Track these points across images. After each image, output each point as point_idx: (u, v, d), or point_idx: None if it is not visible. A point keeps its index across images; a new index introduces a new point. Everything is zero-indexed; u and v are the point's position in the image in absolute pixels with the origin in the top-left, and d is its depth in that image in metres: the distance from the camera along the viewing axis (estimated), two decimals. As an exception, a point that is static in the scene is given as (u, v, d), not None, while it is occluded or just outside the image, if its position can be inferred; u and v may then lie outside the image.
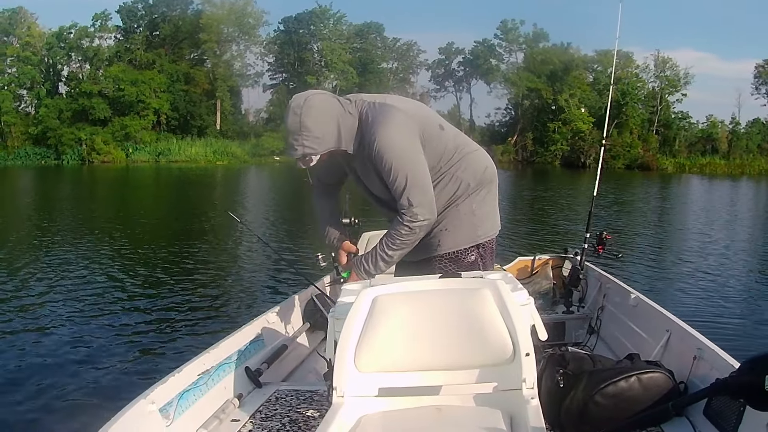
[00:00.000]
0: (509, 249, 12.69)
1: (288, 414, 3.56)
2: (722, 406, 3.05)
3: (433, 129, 3.52)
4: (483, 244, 3.65)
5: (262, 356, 4.08)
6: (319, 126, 3.31)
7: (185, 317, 9.12)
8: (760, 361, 2.73)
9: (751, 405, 2.80)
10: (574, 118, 68.74)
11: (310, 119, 3.29)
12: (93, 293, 10.32)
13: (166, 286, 10.99)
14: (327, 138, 3.35)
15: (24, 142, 65.24)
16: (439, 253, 3.59)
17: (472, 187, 3.58)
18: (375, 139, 3.32)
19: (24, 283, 11.19)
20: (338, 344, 2.63)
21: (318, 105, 3.33)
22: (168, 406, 3.07)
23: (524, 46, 78.50)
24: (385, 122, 3.34)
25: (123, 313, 9.31)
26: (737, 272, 12.88)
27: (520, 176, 52.45)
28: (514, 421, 2.43)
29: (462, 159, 3.57)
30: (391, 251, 3.44)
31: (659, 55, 74.12)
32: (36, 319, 8.89)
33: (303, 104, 3.30)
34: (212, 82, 72.28)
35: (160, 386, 3.06)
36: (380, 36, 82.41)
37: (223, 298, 10.33)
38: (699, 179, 52.12)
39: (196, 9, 74.65)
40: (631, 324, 4.69)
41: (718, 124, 71.76)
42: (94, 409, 5.76)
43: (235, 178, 46.62)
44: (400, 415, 2.57)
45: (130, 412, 2.78)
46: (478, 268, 3.56)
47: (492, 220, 3.72)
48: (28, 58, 67.44)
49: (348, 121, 3.39)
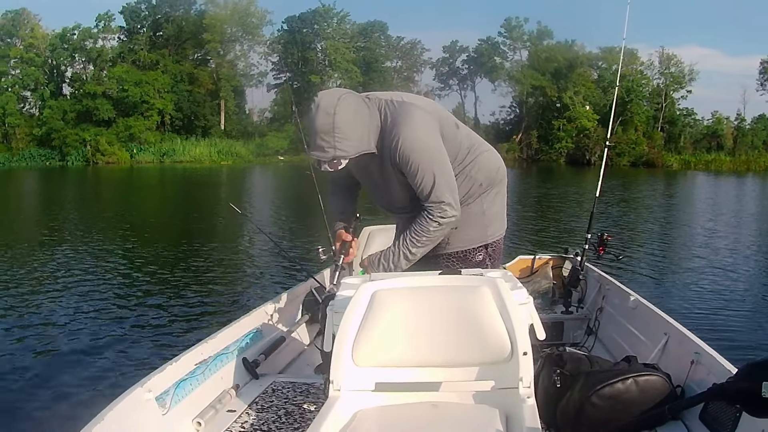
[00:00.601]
0: (511, 247, 12.61)
1: (284, 406, 3.57)
2: (718, 411, 3.03)
3: (450, 127, 3.49)
4: (491, 243, 3.67)
5: (259, 348, 4.09)
6: (354, 128, 3.22)
7: (183, 308, 9.22)
8: (758, 367, 2.71)
9: (747, 411, 2.78)
10: (579, 116, 68.59)
11: (344, 121, 3.18)
12: (93, 286, 10.48)
13: (166, 278, 11.14)
14: (361, 141, 3.27)
15: (28, 144, 65.41)
16: (448, 252, 3.59)
17: (484, 186, 3.60)
18: (399, 139, 3.26)
19: (26, 279, 11.32)
20: (336, 338, 2.63)
21: (353, 106, 3.24)
22: (164, 394, 3.07)
23: (528, 44, 78.49)
24: (408, 122, 3.29)
25: (121, 303, 9.44)
26: (740, 274, 12.73)
27: (525, 174, 52.37)
28: (509, 420, 2.43)
29: (476, 159, 3.57)
30: (415, 248, 3.41)
31: (664, 52, 74.21)
32: (36, 310, 9.03)
33: (337, 104, 3.18)
34: (216, 82, 72.42)
35: (157, 375, 3.07)
36: (384, 35, 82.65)
37: (223, 289, 10.42)
38: (704, 176, 51.91)
39: (199, 9, 74.96)
40: (630, 326, 4.68)
41: (723, 120, 71.66)
42: (91, 396, 5.89)
43: (239, 177, 46.66)
44: (396, 410, 2.58)
45: (126, 399, 2.78)
46: (486, 267, 3.55)
47: (501, 219, 3.74)
48: (32, 60, 67.55)
49: (374, 122, 3.32)
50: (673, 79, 72.70)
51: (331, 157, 3.23)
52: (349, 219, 3.94)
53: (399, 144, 3.26)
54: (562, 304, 5.83)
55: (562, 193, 32.36)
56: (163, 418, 3.01)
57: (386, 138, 3.31)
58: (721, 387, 2.87)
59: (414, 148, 3.25)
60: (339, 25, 78.39)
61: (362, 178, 3.70)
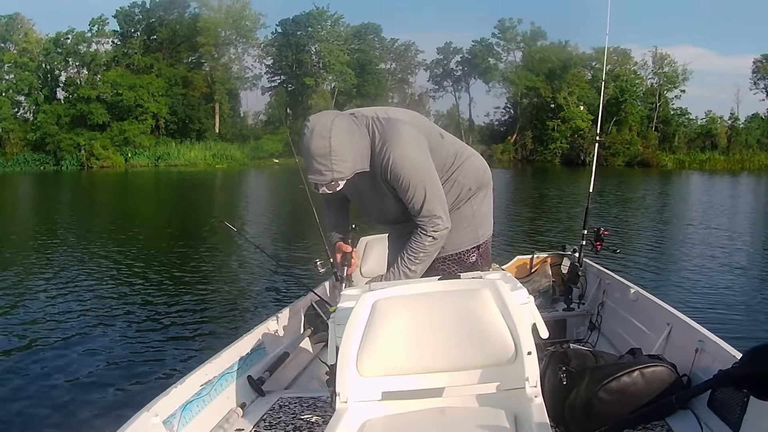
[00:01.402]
0: (508, 248, 12.65)
1: (292, 422, 3.55)
2: (726, 397, 3.05)
3: (436, 138, 3.57)
4: (482, 244, 3.77)
5: (263, 364, 4.07)
6: (349, 150, 3.27)
7: (185, 327, 9.04)
8: (763, 351, 2.74)
9: (754, 395, 2.80)
10: (573, 116, 68.74)
11: (340, 143, 3.23)
12: (90, 306, 10.17)
13: (165, 297, 10.86)
14: (356, 161, 3.32)
15: (22, 149, 65.30)
16: (442, 255, 3.63)
17: (473, 190, 3.68)
18: (390, 157, 3.33)
19: (21, 291, 11.17)
20: (340, 350, 2.63)
21: (346, 128, 3.29)
22: (171, 418, 3.06)
23: (522, 45, 78.39)
24: (397, 140, 3.35)
25: (122, 325, 9.17)
26: (737, 264, 12.89)
27: (520, 175, 52.48)
28: (518, 421, 2.42)
29: (462, 164, 3.64)
30: (414, 266, 3.47)
31: (657, 52, 74.41)
32: (34, 333, 8.75)
33: (331, 127, 3.23)
34: (210, 86, 72.44)
35: (163, 398, 3.04)
36: (378, 37, 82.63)
37: (223, 306, 10.20)
38: (699, 175, 52.01)
39: (193, 12, 74.98)
40: (632, 319, 4.72)
41: (717, 119, 71.81)
42: (98, 423, 5.74)
43: (234, 181, 46.57)
44: (404, 418, 2.57)
45: (134, 425, 2.76)
46: (479, 268, 3.62)
47: (489, 220, 3.83)
48: (26, 64, 67.46)
49: (365, 142, 3.38)
50: (667, 79, 72.94)
51: (329, 180, 3.28)
52: (346, 231, 4.01)
53: (390, 162, 3.33)
54: (563, 302, 5.84)
55: (557, 193, 32.36)
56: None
57: (377, 156, 3.38)
58: (727, 373, 2.87)
59: (405, 165, 3.33)
60: (333, 27, 78.36)
61: (352, 195, 3.75)
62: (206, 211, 24.40)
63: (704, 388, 3.11)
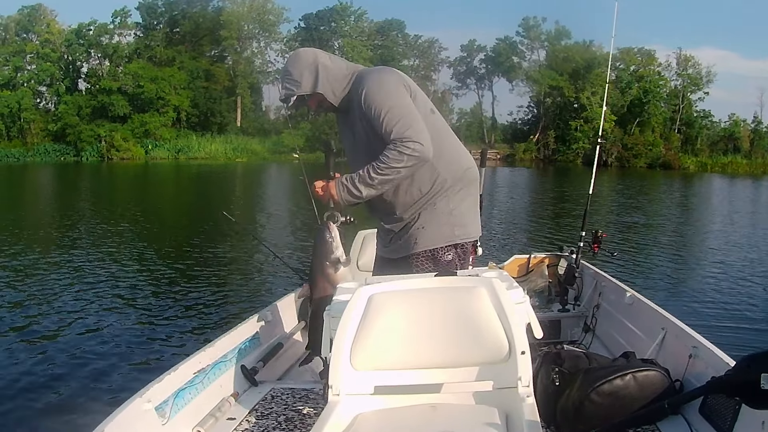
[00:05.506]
0: (513, 246, 12.59)
1: (284, 412, 3.59)
2: (718, 404, 3.08)
3: (425, 108, 3.52)
4: (461, 245, 3.62)
5: (257, 355, 4.15)
6: (296, 70, 3.52)
7: (181, 316, 9.13)
8: (756, 359, 2.72)
9: (746, 403, 2.80)
10: (596, 117, 68.35)
11: (290, 65, 3.57)
12: (89, 293, 10.27)
13: (162, 285, 11.03)
14: (303, 82, 3.51)
15: (43, 139, 66.10)
16: (416, 251, 3.57)
17: (449, 183, 3.54)
18: (364, 87, 3.41)
19: (22, 276, 11.36)
20: (334, 342, 2.66)
21: (299, 54, 3.63)
22: (164, 404, 3.09)
23: (546, 44, 78.44)
24: (375, 74, 3.50)
25: (118, 312, 9.29)
26: (734, 271, 12.81)
27: (541, 174, 52.37)
28: (509, 420, 2.46)
29: (441, 151, 3.49)
30: (374, 174, 3.35)
31: (681, 53, 73.96)
32: (32, 319, 8.84)
33: (299, 53, 3.63)
34: (233, 79, 72.88)
35: (156, 385, 3.08)
36: (401, 33, 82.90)
37: (220, 296, 10.33)
38: (720, 178, 51.68)
39: (216, 6, 75.61)
40: (627, 322, 4.77)
41: (740, 122, 71.21)
42: (90, 408, 5.79)
43: (252, 175, 46.77)
44: (396, 412, 2.61)
45: (126, 411, 2.79)
46: (455, 267, 3.51)
47: (472, 223, 3.67)
48: (48, 55, 68.20)
49: (332, 73, 3.54)
50: (691, 81, 72.50)
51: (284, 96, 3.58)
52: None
53: (363, 92, 3.40)
54: (559, 303, 5.91)
55: (576, 195, 32.19)
56: (163, 428, 3.02)
57: (355, 92, 3.47)
58: (720, 380, 2.89)
59: (377, 91, 3.38)
60: (356, 23, 78.69)
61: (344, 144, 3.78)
62: (217, 204, 24.48)
63: (696, 395, 3.11)
